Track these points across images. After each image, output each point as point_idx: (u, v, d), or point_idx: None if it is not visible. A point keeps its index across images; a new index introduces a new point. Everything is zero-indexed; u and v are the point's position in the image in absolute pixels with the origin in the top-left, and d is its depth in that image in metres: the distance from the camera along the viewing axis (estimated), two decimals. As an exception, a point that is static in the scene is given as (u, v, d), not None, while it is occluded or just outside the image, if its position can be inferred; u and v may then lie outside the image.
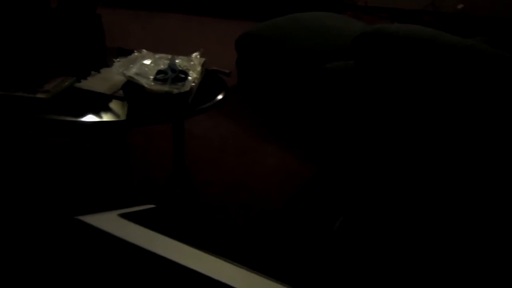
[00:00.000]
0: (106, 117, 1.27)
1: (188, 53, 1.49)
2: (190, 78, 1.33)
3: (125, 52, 1.52)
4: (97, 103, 1.32)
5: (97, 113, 1.28)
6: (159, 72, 1.33)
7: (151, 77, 1.30)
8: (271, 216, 1.50)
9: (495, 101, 1.11)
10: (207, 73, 1.53)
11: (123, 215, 0.43)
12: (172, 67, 1.34)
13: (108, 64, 1.46)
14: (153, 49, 1.53)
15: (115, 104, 1.33)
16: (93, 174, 1.77)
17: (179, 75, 1.32)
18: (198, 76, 1.38)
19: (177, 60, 1.40)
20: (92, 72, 1.43)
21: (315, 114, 1.90)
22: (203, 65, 1.47)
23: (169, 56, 1.43)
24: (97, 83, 1.37)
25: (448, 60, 1.21)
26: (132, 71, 1.32)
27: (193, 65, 1.41)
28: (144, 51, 1.44)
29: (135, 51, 1.45)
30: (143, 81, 1.27)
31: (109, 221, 0.39)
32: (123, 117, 1.28)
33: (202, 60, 1.46)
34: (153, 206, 0.57)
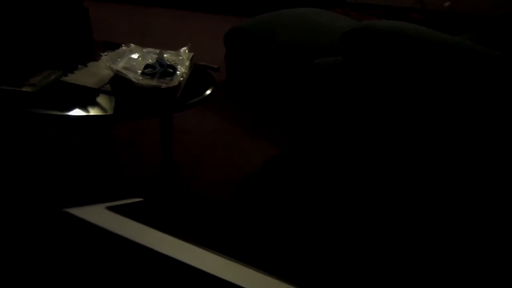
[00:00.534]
0: (93, 112, 1.26)
1: (176, 48, 1.48)
2: (178, 72, 1.32)
3: (113, 46, 1.51)
4: (84, 97, 1.30)
5: (84, 107, 1.26)
6: (147, 66, 1.32)
7: (139, 71, 1.30)
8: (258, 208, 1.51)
9: (483, 97, 1.12)
10: (196, 68, 1.53)
11: (110, 208, 0.43)
12: (160, 62, 1.33)
13: (95, 58, 1.44)
14: (141, 43, 1.52)
15: (102, 99, 1.32)
16: (81, 168, 1.76)
17: (167, 70, 1.31)
18: (187, 71, 1.37)
19: (165, 55, 1.40)
20: (79, 66, 1.41)
21: (303, 109, 1.91)
22: (192, 60, 1.46)
23: (157, 51, 1.42)
24: (84, 77, 1.36)
25: (436, 57, 1.22)
26: (120, 65, 1.31)
27: (181, 60, 1.40)
28: (132, 45, 1.43)
29: (123, 45, 1.43)
30: (131, 75, 1.26)
31: (97, 214, 0.39)
32: (110, 111, 1.27)
33: (191, 54, 1.46)
34: (141, 199, 0.57)
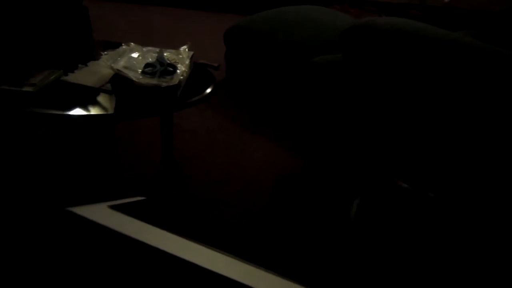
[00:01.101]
0: (94, 111, 1.26)
1: (176, 46, 1.48)
2: (178, 71, 1.32)
3: (113, 45, 1.51)
4: (84, 96, 1.31)
5: (84, 106, 1.27)
6: (147, 65, 1.32)
7: (139, 70, 1.30)
8: (261, 208, 1.51)
9: (483, 93, 1.12)
10: (196, 67, 1.53)
11: (113, 207, 0.43)
12: (160, 60, 1.34)
13: (96, 57, 1.44)
14: (141, 42, 1.52)
15: (103, 98, 1.32)
16: (82, 166, 1.77)
17: (168, 69, 1.32)
18: (187, 70, 1.37)
19: (165, 53, 1.40)
20: (80, 65, 1.42)
21: (304, 107, 1.91)
22: (192, 59, 1.46)
23: (157, 49, 1.43)
24: (84, 76, 1.36)
25: (434, 53, 1.22)
26: (120, 64, 1.31)
27: (181, 59, 1.41)
28: (132, 44, 1.44)
29: (123, 44, 1.44)
30: (131, 74, 1.27)
31: (100, 213, 0.39)
32: (111, 110, 1.27)
33: (191, 53, 1.46)
34: (143, 198, 0.57)
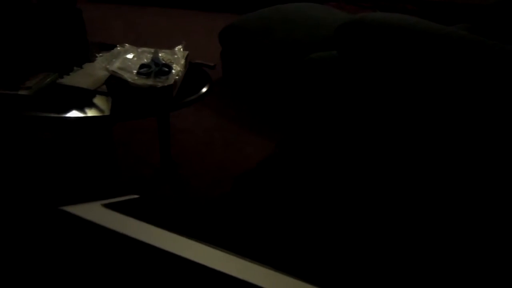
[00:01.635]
0: (90, 113, 1.26)
1: (171, 47, 1.48)
2: (173, 71, 1.32)
3: (107, 46, 1.51)
4: (80, 98, 1.31)
5: (81, 108, 1.27)
6: (142, 66, 1.32)
7: (135, 71, 1.30)
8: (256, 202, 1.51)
9: (479, 87, 1.12)
10: (191, 66, 1.53)
11: (106, 205, 0.43)
12: (155, 61, 1.33)
13: (91, 59, 1.44)
14: (136, 43, 1.52)
15: (99, 99, 1.32)
16: (79, 167, 1.76)
17: (163, 69, 1.31)
18: (182, 69, 1.37)
19: (160, 54, 1.40)
20: (75, 67, 1.42)
21: (300, 105, 1.91)
22: (187, 58, 1.46)
23: (152, 50, 1.42)
24: (80, 78, 1.36)
25: (429, 48, 1.22)
26: (115, 65, 1.31)
27: (176, 59, 1.40)
28: (126, 45, 1.43)
29: (118, 45, 1.44)
30: (127, 76, 1.27)
31: (93, 211, 0.40)
32: (107, 112, 1.27)
33: (186, 53, 1.46)
34: (136, 196, 0.57)
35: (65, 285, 0.38)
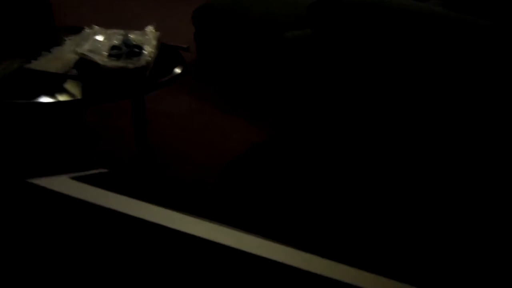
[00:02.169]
0: (61, 97, 1.23)
1: (143, 29, 1.45)
2: (145, 52, 1.30)
3: (76, 29, 1.47)
4: (50, 83, 1.27)
5: (51, 93, 1.23)
6: (113, 47, 1.29)
7: (105, 53, 1.27)
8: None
9: (454, 63, 1.13)
10: (164, 49, 1.50)
11: (75, 178, 0.42)
12: (126, 42, 1.31)
13: (59, 42, 1.40)
14: (106, 25, 1.48)
15: (69, 84, 1.29)
16: (54, 154, 1.73)
17: (134, 50, 1.29)
18: (154, 51, 1.35)
19: (131, 35, 1.37)
20: (43, 52, 1.37)
21: (277, 84, 1.91)
22: (159, 39, 1.43)
23: (122, 32, 1.39)
24: (48, 62, 1.32)
25: (402, 24, 1.23)
26: (85, 48, 1.28)
27: (147, 40, 1.38)
28: (95, 27, 1.40)
29: (86, 27, 1.40)
30: (97, 58, 1.24)
31: (60, 183, 0.39)
32: (78, 96, 1.24)
33: (157, 34, 1.43)
34: (105, 170, 0.56)
35: (33, 256, 0.38)
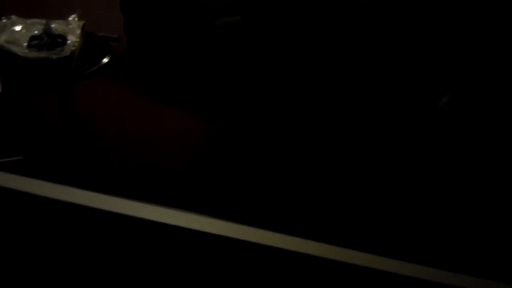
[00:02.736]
0: (-22, 92, 1.16)
1: (66, 18, 1.39)
2: (69, 42, 1.25)
3: (-8, 20, 1.38)
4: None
5: (-34, 88, 1.16)
6: (33, 38, 1.23)
7: (25, 44, 1.21)
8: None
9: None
10: (91, 39, 1.45)
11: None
12: (47, 32, 1.25)
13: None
14: (26, 15, 1.41)
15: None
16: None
17: (57, 40, 1.24)
18: (78, 40, 1.30)
19: (53, 25, 1.31)
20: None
21: (210, 71, 1.90)
22: (83, 29, 1.38)
23: (44, 21, 1.33)
24: (-38, 55, 1.24)
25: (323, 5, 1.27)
26: (2, 39, 1.22)
27: (71, 29, 1.33)
28: (13, 17, 1.33)
29: (3, 17, 1.32)
30: (16, 49, 1.18)
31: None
32: (-2, 89, 1.18)
33: (81, 23, 1.38)
34: (20, 157, 0.55)
35: None
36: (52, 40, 1.23)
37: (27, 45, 1.21)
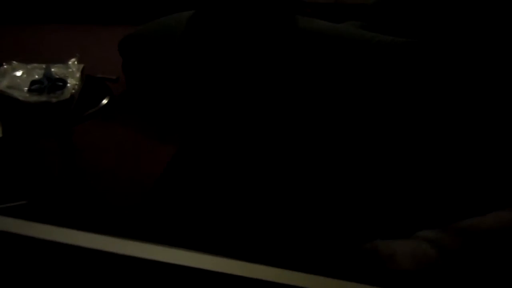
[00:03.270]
0: (-21, 137, 1.17)
1: (66, 61, 1.42)
2: (69, 85, 1.27)
3: (-7, 66, 1.41)
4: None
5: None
6: (34, 82, 1.26)
7: (25, 89, 1.23)
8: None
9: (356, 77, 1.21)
10: (89, 80, 1.48)
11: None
12: (47, 76, 1.28)
13: (-25, 80, 1.34)
14: (26, 60, 1.44)
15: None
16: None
17: (57, 83, 1.26)
18: (78, 83, 1.33)
19: (53, 69, 1.34)
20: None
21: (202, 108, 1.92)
22: (83, 71, 1.41)
23: (44, 65, 1.36)
24: (-37, 102, 1.26)
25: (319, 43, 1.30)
26: (3, 84, 1.24)
27: (71, 72, 1.35)
28: (14, 63, 1.35)
29: (4, 63, 1.35)
30: (17, 94, 1.20)
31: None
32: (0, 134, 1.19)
33: (81, 66, 1.41)
34: (24, 202, 0.55)
35: None
36: (53, 83, 1.25)
37: (28, 89, 1.23)
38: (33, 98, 1.20)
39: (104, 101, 1.38)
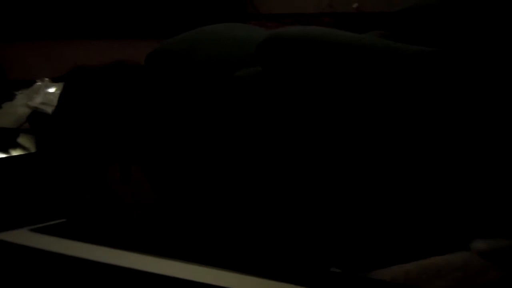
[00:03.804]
0: (14, 152, 1.22)
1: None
2: (99, 101, 1.31)
3: (27, 83, 1.47)
4: (2, 138, 1.26)
5: (3, 149, 1.22)
6: (66, 99, 1.30)
7: (58, 105, 1.27)
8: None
9: (393, 92, 1.20)
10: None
11: (34, 230, 0.43)
12: (79, 93, 1.32)
13: (10, 97, 1.40)
14: (57, 76, 1.49)
15: (23, 138, 1.28)
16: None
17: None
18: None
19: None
20: (-6, 108, 1.37)
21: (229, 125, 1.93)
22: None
23: (75, 82, 1.40)
24: (0, 118, 1.32)
25: (343, 56, 1.30)
26: (37, 101, 1.28)
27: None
28: (47, 80, 1.41)
29: (38, 80, 1.40)
30: (50, 110, 1.24)
31: (20, 236, 0.39)
32: (32, 150, 1.23)
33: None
34: (63, 220, 0.57)
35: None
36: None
37: (60, 106, 1.27)
38: (65, 114, 1.24)
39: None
